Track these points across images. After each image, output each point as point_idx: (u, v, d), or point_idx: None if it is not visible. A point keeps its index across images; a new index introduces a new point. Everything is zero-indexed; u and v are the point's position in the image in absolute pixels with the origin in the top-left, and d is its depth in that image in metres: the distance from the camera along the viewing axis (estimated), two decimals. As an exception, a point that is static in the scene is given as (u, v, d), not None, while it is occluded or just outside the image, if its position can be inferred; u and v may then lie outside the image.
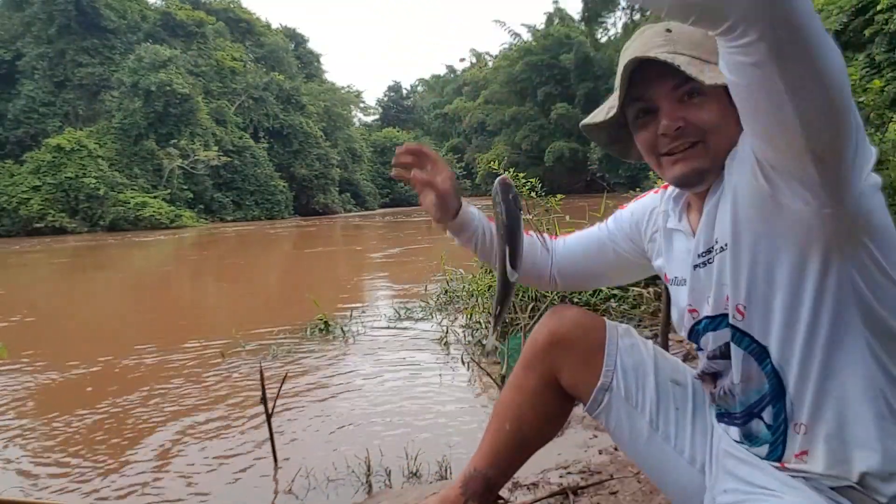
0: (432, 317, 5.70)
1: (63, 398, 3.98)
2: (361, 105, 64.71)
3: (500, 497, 1.62)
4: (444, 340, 4.70)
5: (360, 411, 3.38)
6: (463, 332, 4.87)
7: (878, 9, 7.86)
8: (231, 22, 42.76)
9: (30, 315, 7.68)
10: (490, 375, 3.52)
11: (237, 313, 7.37)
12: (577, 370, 1.34)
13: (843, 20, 9.17)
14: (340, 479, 2.47)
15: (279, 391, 2.70)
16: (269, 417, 2.64)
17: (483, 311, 4.77)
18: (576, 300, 4.43)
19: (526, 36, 54.16)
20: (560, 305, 1.42)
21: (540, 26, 53.36)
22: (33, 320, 7.33)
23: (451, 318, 5.40)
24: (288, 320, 5.99)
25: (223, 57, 38.62)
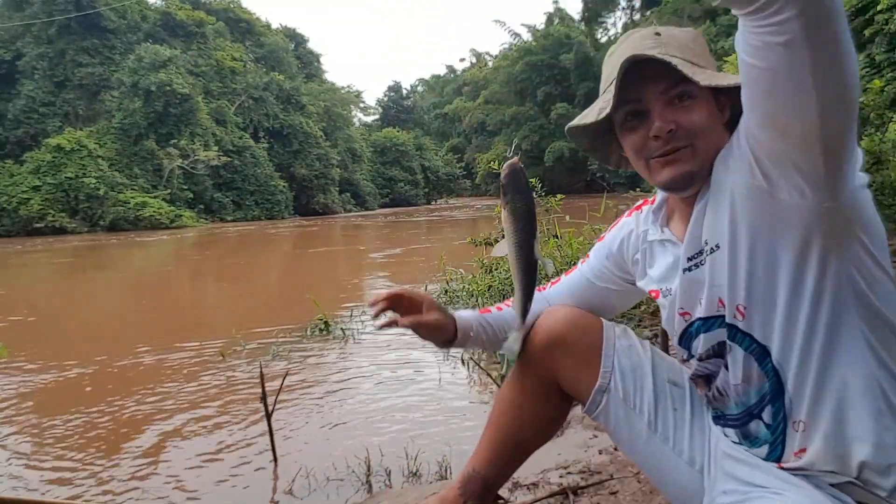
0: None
1: (63, 398, 3.99)
2: (361, 105, 64.62)
3: (500, 497, 1.63)
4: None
5: (359, 411, 3.38)
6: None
7: (878, 9, 7.84)
8: (231, 22, 42.68)
9: (30, 315, 7.68)
10: (489, 375, 3.53)
11: (237, 313, 7.37)
12: (575, 371, 1.34)
13: (842, 20, 9.12)
14: (340, 478, 2.47)
15: (279, 390, 2.70)
16: (269, 416, 2.64)
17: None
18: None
19: (526, 36, 54.30)
20: (556, 305, 1.42)
21: (540, 26, 53.47)
22: (34, 320, 7.33)
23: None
24: (288, 320, 5.99)
25: (223, 57, 38.54)
